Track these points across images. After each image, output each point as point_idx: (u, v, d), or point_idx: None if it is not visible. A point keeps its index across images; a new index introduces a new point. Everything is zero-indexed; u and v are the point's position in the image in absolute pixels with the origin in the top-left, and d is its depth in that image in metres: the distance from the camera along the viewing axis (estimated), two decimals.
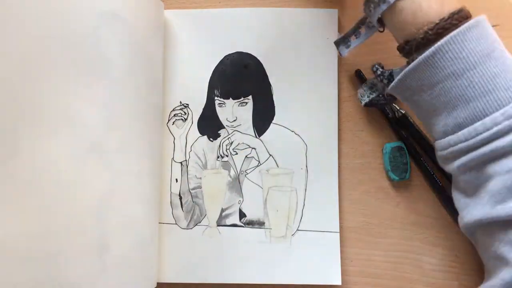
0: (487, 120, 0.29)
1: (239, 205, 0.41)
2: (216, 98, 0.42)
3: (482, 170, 0.30)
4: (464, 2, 0.42)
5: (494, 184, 0.29)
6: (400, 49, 0.32)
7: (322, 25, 0.42)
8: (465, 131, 0.30)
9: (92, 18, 0.34)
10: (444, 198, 0.40)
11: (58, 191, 0.32)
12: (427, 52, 0.29)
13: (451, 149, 0.31)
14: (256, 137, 0.42)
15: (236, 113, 0.42)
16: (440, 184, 0.40)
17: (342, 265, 0.40)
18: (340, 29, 0.42)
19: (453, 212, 0.40)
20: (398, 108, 0.41)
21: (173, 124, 0.42)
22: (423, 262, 0.40)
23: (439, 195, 0.41)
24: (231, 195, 0.42)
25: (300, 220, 0.41)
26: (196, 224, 0.41)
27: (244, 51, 0.42)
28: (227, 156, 0.42)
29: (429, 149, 0.40)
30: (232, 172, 0.42)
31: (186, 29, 0.43)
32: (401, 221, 0.41)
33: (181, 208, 0.41)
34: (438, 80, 0.30)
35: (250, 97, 0.42)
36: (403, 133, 0.40)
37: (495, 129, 0.28)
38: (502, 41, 0.42)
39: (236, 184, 0.42)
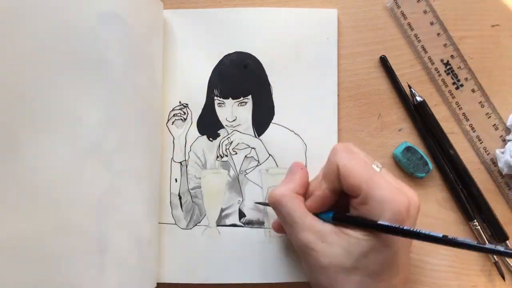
0: None
1: (239, 205, 0.41)
2: (215, 98, 0.42)
3: None
4: (464, 2, 0.42)
5: None
6: None
7: (322, 25, 0.42)
8: None
9: (91, 18, 0.34)
10: (453, 187, 0.41)
11: (57, 191, 0.32)
12: None
13: None
14: (256, 137, 0.42)
15: (235, 113, 0.42)
16: (452, 175, 0.41)
17: None
18: (340, 29, 0.42)
19: (462, 206, 0.40)
20: (417, 94, 0.41)
21: (172, 124, 0.42)
22: (423, 262, 0.40)
23: (450, 183, 0.41)
24: (230, 195, 0.41)
25: None
26: (196, 224, 0.41)
27: (243, 51, 0.42)
28: (226, 156, 0.42)
29: (441, 136, 0.41)
30: (232, 172, 0.42)
31: (185, 28, 0.43)
32: None
33: (180, 208, 0.41)
34: None
35: (249, 97, 0.42)
36: (418, 118, 0.41)
37: None
38: (502, 41, 0.42)
39: (235, 184, 0.41)
